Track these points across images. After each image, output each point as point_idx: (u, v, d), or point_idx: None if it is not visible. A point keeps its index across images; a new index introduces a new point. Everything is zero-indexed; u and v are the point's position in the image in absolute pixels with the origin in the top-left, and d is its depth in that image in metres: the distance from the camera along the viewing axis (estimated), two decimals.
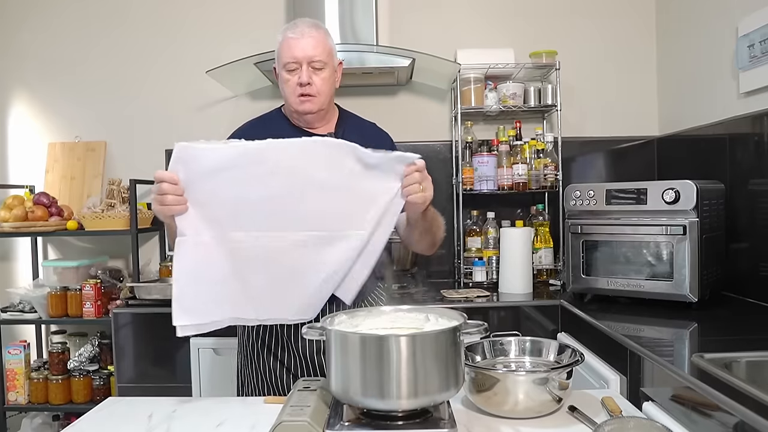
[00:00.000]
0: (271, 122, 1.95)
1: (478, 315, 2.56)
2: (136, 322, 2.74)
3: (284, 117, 1.94)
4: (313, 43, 1.80)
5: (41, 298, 3.08)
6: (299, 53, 1.79)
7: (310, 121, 1.88)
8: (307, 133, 1.89)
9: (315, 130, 1.90)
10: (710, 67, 2.74)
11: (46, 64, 3.47)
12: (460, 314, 1.36)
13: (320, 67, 1.81)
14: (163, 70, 3.42)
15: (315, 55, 1.79)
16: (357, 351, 1.23)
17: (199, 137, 3.46)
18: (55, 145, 3.45)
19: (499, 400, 1.37)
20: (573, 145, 3.26)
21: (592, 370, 2.09)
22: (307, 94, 1.80)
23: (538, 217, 3.15)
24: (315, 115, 1.86)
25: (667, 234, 2.29)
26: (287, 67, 1.81)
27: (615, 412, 1.38)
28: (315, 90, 1.80)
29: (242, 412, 1.48)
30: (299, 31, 1.81)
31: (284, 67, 1.82)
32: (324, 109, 1.87)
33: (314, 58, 1.79)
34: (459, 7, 3.36)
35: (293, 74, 1.81)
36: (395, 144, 2.02)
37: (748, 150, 2.44)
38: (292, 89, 1.81)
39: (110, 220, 3.03)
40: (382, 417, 1.26)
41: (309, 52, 1.79)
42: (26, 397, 3.09)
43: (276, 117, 1.95)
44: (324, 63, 1.81)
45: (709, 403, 1.37)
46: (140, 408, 1.52)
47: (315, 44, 1.80)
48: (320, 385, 1.43)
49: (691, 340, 1.98)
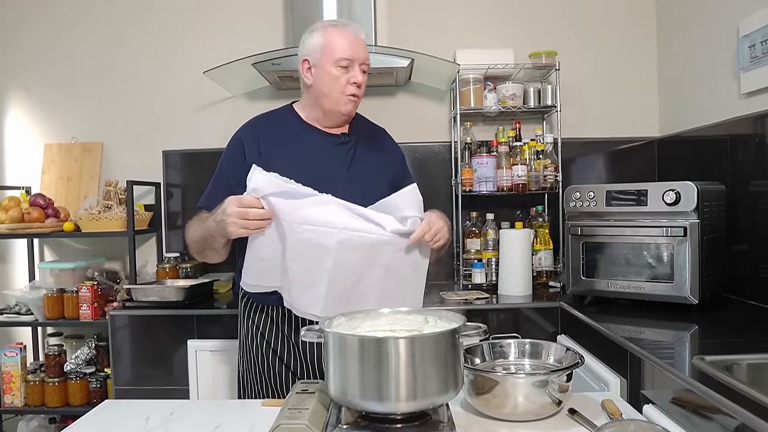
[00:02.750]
0: (283, 120, 1.94)
1: (477, 317, 2.57)
2: (133, 325, 2.73)
3: (296, 115, 1.93)
4: (365, 46, 1.84)
5: (37, 300, 3.07)
6: (359, 53, 1.81)
7: (338, 122, 1.90)
8: (322, 132, 1.90)
9: (328, 130, 1.91)
10: (711, 68, 2.73)
11: (42, 64, 3.46)
12: (460, 316, 1.35)
13: (366, 70, 1.85)
14: (161, 71, 3.41)
15: (367, 58, 1.84)
16: (355, 353, 1.22)
17: (196, 138, 3.51)
18: (51, 146, 3.43)
19: (498, 402, 1.37)
20: (573, 146, 3.25)
21: (592, 373, 2.08)
22: (355, 95, 1.83)
23: (538, 219, 3.14)
24: (347, 118, 1.90)
25: (668, 235, 2.29)
26: (340, 63, 1.80)
27: (615, 415, 1.38)
28: (361, 92, 1.84)
29: (240, 414, 1.48)
30: (355, 31, 1.84)
31: (336, 62, 1.80)
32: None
33: (366, 60, 1.84)
34: (458, 7, 3.35)
35: (345, 72, 1.81)
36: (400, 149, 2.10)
37: (749, 151, 2.43)
38: (342, 87, 1.81)
39: (107, 221, 3.01)
40: (380, 420, 1.26)
41: (363, 53, 1.83)
42: (22, 400, 3.07)
43: (287, 115, 1.94)
44: (368, 67, 1.86)
45: (710, 405, 1.37)
46: (137, 411, 1.52)
47: (366, 48, 1.84)
48: (318, 387, 1.43)
49: (692, 342, 1.97)
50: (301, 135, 1.88)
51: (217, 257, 1.87)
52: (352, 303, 1.65)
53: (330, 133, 1.90)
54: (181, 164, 3.39)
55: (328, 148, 1.88)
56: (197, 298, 2.82)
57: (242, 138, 1.90)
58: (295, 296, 1.74)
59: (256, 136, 1.88)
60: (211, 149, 3.36)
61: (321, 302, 1.70)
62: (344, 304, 1.64)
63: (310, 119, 1.91)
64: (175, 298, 2.74)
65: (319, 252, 1.67)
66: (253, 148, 1.85)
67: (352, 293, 1.71)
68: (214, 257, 1.86)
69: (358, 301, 1.68)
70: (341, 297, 1.70)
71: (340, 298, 1.69)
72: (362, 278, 1.72)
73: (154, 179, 3.36)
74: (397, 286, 1.76)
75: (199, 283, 2.88)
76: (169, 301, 2.74)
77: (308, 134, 1.89)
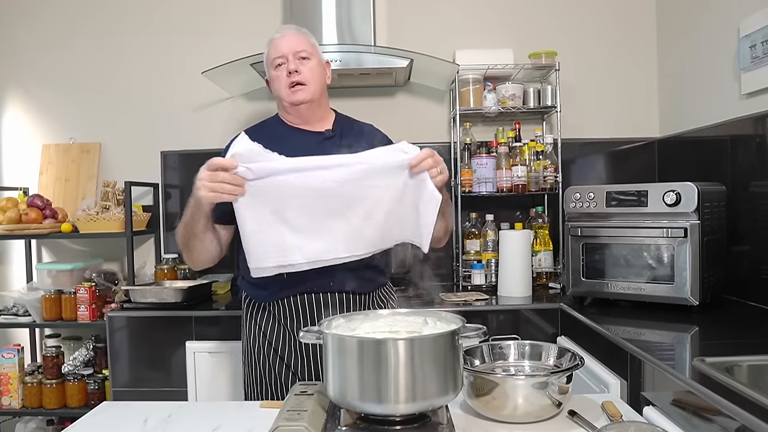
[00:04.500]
0: (270, 127, 1.99)
1: (476, 318, 2.56)
2: (132, 326, 2.72)
3: (281, 121, 1.99)
4: (296, 38, 1.91)
5: (35, 302, 3.06)
6: (284, 47, 1.88)
7: (305, 114, 1.92)
8: (306, 132, 1.93)
9: (312, 127, 1.94)
10: (711, 68, 2.73)
11: (40, 65, 3.45)
12: (459, 318, 1.35)
13: (306, 56, 1.89)
14: (159, 71, 3.41)
15: (299, 46, 1.89)
16: (354, 355, 1.22)
17: (195, 139, 3.50)
18: (49, 146, 3.43)
19: (498, 404, 1.37)
20: (573, 146, 3.24)
21: (592, 374, 2.08)
22: (297, 83, 1.86)
23: (538, 220, 3.14)
24: (308, 107, 1.90)
25: (668, 236, 2.28)
26: (275, 63, 1.90)
27: (615, 417, 1.38)
28: (304, 78, 1.87)
29: (238, 416, 1.48)
30: (281, 31, 1.93)
31: (272, 64, 1.90)
32: (317, 100, 1.92)
33: (298, 49, 1.88)
34: (457, 8, 3.34)
35: (281, 69, 1.88)
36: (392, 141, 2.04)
37: (749, 151, 2.43)
38: (283, 82, 1.88)
39: (105, 222, 3.00)
40: (379, 422, 1.25)
41: (293, 45, 1.89)
42: (20, 402, 3.06)
43: (273, 123, 2.00)
44: (309, 53, 1.90)
45: (711, 407, 1.37)
46: (135, 412, 1.52)
47: (297, 39, 1.91)
48: (317, 389, 1.43)
49: (692, 343, 1.97)
50: (286, 136, 1.93)
51: (202, 250, 1.81)
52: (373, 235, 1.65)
53: (313, 132, 1.94)
54: (180, 165, 3.38)
55: (313, 144, 1.90)
56: (195, 300, 2.81)
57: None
58: (310, 250, 1.65)
59: None
60: (209, 150, 3.33)
61: (341, 245, 1.65)
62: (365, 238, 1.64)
63: (291, 123, 1.96)
64: (174, 299, 2.73)
65: (316, 194, 1.61)
66: None
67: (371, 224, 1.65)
68: (198, 249, 1.80)
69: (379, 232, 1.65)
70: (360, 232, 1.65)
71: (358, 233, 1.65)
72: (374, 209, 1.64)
73: (153, 180, 3.35)
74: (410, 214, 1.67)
75: (197, 285, 2.87)
76: (168, 303, 2.73)
77: (292, 135, 1.93)
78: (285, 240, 1.63)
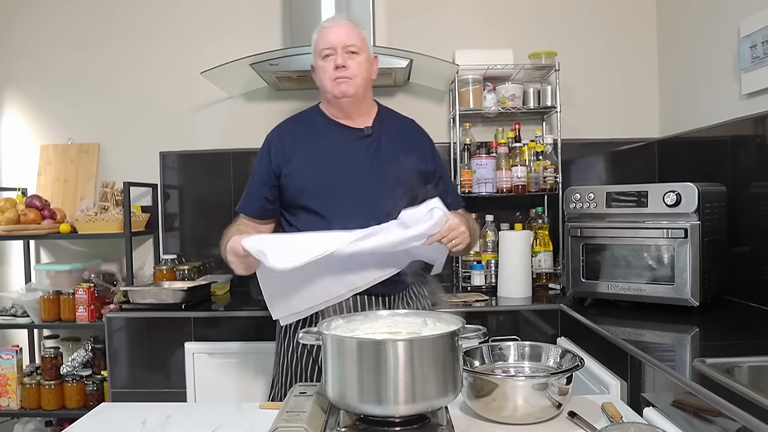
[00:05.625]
0: (309, 119, 2.02)
1: (476, 319, 2.55)
2: (130, 327, 2.71)
3: (321, 113, 2.00)
4: (347, 30, 1.91)
5: (34, 302, 3.05)
6: (334, 39, 1.88)
7: (347, 108, 1.94)
8: (344, 127, 1.95)
9: (352, 122, 1.96)
10: (712, 68, 2.72)
11: (38, 65, 3.44)
12: (459, 318, 1.35)
13: (355, 51, 1.90)
14: (158, 71, 3.40)
15: (349, 39, 1.89)
16: (354, 356, 1.22)
17: (193, 139, 3.49)
18: (47, 147, 3.42)
19: (497, 405, 1.36)
20: (573, 147, 3.24)
21: (592, 375, 2.07)
22: (342, 77, 1.87)
23: (538, 220, 3.13)
24: (351, 101, 1.92)
25: (668, 237, 2.28)
26: (323, 53, 1.90)
27: (615, 418, 1.38)
28: (351, 73, 1.88)
29: (238, 417, 1.48)
30: (332, 20, 1.94)
31: (320, 54, 1.90)
32: (360, 96, 1.93)
33: (348, 42, 1.89)
34: (457, 8, 3.34)
35: (329, 60, 1.89)
36: (433, 142, 2.14)
37: (750, 152, 2.43)
38: (328, 74, 1.89)
39: (104, 223, 3.00)
40: (379, 423, 1.25)
41: (343, 37, 1.89)
42: (18, 403, 3.05)
43: (314, 114, 2.02)
44: (359, 48, 1.90)
45: (711, 408, 1.37)
46: (134, 414, 1.52)
47: (348, 31, 1.91)
48: (316, 390, 1.42)
49: (693, 344, 1.96)
50: (324, 131, 1.95)
51: None
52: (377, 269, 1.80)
53: (353, 128, 1.95)
54: (179, 165, 3.38)
55: (350, 142, 1.93)
56: (194, 301, 2.80)
57: (270, 140, 2.00)
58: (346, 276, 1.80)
59: (282, 138, 1.97)
60: (208, 150, 3.35)
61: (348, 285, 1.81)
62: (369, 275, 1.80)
63: (332, 115, 1.98)
64: (173, 300, 2.72)
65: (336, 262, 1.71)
66: (279, 148, 1.95)
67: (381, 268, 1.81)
68: None
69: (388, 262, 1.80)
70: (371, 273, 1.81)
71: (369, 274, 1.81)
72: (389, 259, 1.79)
73: (151, 180, 3.34)
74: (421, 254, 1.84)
75: (196, 286, 2.86)
76: (167, 304, 2.72)
77: (331, 129, 1.96)
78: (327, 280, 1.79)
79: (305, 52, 2.84)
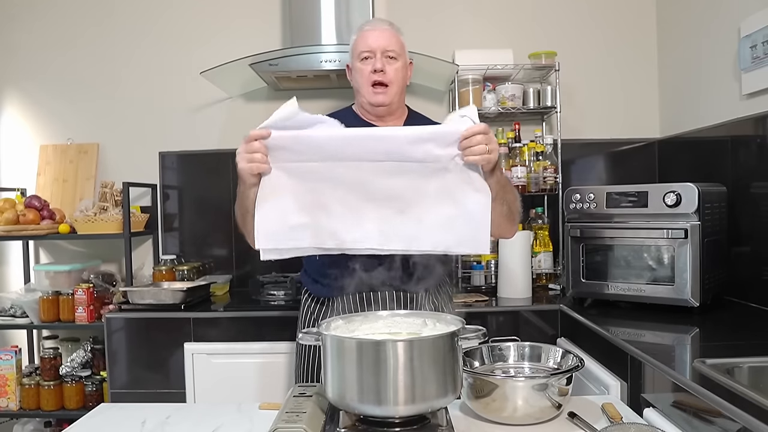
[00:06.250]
0: (343, 118, 1.98)
1: (476, 320, 2.54)
2: (130, 327, 2.71)
3: (354, 114, 2.01)
4: (388, 34, 1.90)
5: (33, 303, 3.05)
6: (374, 43, 1.88)
7: (382, 114, 1.94)
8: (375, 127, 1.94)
9: (384, 124, 1.96)
10: (712, 68, 2.72)
11: (37, 65, 3.44)
12: (458, 319, 1.35)
13: (394, 56, 1.89)
14: (157, 71, 3.40)
15: (390, 44, 1.89)
16: (353, 356, 1.22)
17: (193, 139, 3.49)
18: (47, 147, 3.42)
19: (497, 406, 1.36)
20: (573, 147, 3.24)
21: (592, 376, 2.07)
22: (380, 83, 1.87)
23: (538, 221, 3.13)
24: (386, 109, 1.92)
25: (669, 237, 2.28)
26: (361, 56, 1.90)
27: (615, 419, 1.38)
28: (388, 78, 1.87)
29: (237, 418, 1.48)
30: (375, 24, 1.94)
31: (358, 56, 1.90)
32: (395, 103, 1.94)
33: (388, 47, 1.88)
34: (457, 7, 3.34)
35: (367, 63, 1.89)
36: None
37: (750, 152, 2.42)
38: (366, 78, 1.89)
39: (103, 223, 2.99)
40: (378, 423, 1.25)
41: (383, 42, 1.88)
42: (17, 404, 3.04)
43: (347, 114, 2.02)
44: (398, 54, 1.90)
45: (711, 409, 1.36)
46: (133, 414, 1.53)
47: (389, 36, 1.90)
48: (316, 390, 1.42)
49: (693, 345, 1.96)
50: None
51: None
52: (409, 230, 1.58)
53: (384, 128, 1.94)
54: (178, 165, 3.37)
55: None
56: (194, 301, 2.80)
57: None
58: (340, 234, 1.59)
59: None
60: (207, 150, 3.35)
61: (374, 234, 1.59)
62: (400, 232, 1.58)
63: (365, 117, 1.99)
64: (172, 300, 2.72)
65: (354, 183, 1.56)
66: None
67: (406, 220, 1.59)
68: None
69: (416, 229, 1.58)
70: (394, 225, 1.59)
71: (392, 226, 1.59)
72: (412, 204, 1.58)
73: (151, 181, 3.34)
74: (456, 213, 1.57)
75: (195, 286, 2.86)
76: (166, 304, 2.72)
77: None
78: (319, 223, 1.58)
79: (305, 52, 2.85)
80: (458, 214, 1.55)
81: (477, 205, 1.54)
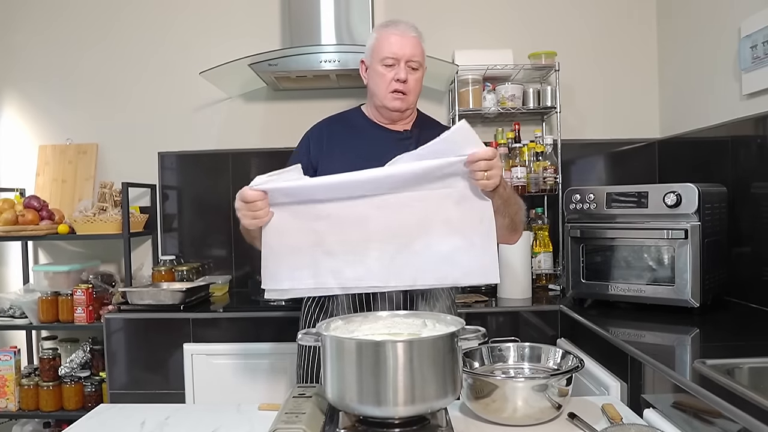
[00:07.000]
0: (349, 118, 2.03)
1: (476, 320, 2.55)
2: (129, 328, 2.71)
3: (361, 114, 2.01)
4: (414, 43, 1.89)
5: (32, 303, 3.04)
6: (400, 50, 1.86)
7: (395, 119, 1.95)
8: (383, 129, 1.96)
9: (393, 126, 1.97)
10: (712, 69, 2.72)
11: (36, 65, 3.44)
12: (458, 320, 1.35)
13: (416, 67, 1.89)
14: (156, 72, 3.39)
15: (414, 55, 1.88)
16: (353, 357, 1.22)
17: (192, 140, 3.48)
18: (46, 147, 3.41)
19: (497, 406, 1.36)
20: (573, 147, 3.23)
21: (592, 377, 2.07)
22: (400, 91, 1.86)
23: (537, 221, 3.12)
24: (400, 114, 1.93)
25: (669, 238, 2.27)
26: (385, 62, 1.88)
27: (615, 419, 1.38)
28: (408, 88, 1.87)
29: (237, 418, 1.48)
30: (402, 29, 1.90)
31: (381, 61, 1.88)
32: (410, 110, 1.95)
33: (413, 57, 1.88)
34: (457, 8, 3.34)
35: (390, 69, 1.87)
36: None
37: (750, 152, 2.42)
38: (386, 84, 1.87)
39: (102, 223, 2.99)
40: (378, 424, 1.25)
41: (409, 51, 1.87)
42: (16, 404, 3.04)
43: (355, 115, 2.03)
44: (419, 64, 1.90)
45: (711, 410, 1.37)
46: (133, 415, 1.53)
47: (415, 45, 1.89)
48: (315, 391, 1.42)
49: (693, 345, 1.96)
50: (364, 131, 1.96)
51: None
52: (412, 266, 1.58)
53: (392, 130, 1.96)
54: (177, 166, 3.37)
55: (388, 142, 1.92)
56: (193, 302, 2.80)
57: (310, 136, 2.00)
58: (342, 273, 1.60)
59: (321, 134, 1.97)
60: (207, 151, 3.35)
61: (376, 271, 1.59)
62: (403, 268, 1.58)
63: (372, 117, 1.98)
64: (171, 301, 2.71)
65: (355, 220, 1.57)
66: (318, 143, 1.95)
67: (409, 255, 1.59)
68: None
69: (420, 264, 1.58)
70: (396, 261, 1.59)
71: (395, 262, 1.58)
72: (415, 238, 1.58)
73: (150, 181, 3.34)
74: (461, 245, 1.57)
75: (195, 287, 2.85)
76: (165, 305, 2.71)
77: (370, 130, 1.96)
78: (319, 263, 1.60)
79: (304, 52, 2.85)
80: (463, 246, 1.57)
81: (482, 236, 1.58)
